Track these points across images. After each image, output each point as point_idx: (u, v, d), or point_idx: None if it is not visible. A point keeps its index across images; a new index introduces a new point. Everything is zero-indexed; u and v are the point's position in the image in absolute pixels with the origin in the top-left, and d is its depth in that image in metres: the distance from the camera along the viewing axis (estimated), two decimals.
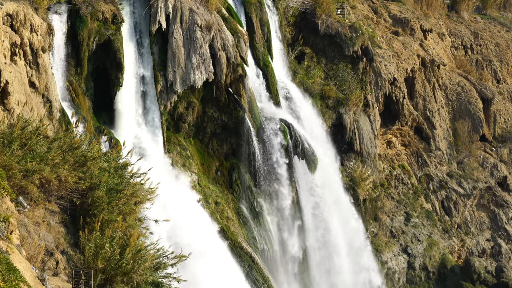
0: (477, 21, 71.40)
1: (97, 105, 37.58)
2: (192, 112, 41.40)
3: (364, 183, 50.23)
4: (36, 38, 31.40)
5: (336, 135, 50.03)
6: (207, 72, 40.21)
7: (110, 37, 36.95)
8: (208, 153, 42.66)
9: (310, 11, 51.54)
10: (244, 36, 43.01)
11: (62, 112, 33.10)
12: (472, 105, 60.92)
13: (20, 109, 27.62)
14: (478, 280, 54.51)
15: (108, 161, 23.55)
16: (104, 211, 21.42)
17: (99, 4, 36.69)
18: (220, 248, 38.20)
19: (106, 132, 34.85)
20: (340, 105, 49.89)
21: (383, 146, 55.91)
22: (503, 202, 59.44)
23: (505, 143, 62.43)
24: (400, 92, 55.60)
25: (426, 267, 53.83)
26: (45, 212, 21.43)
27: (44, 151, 21.32)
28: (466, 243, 57.13)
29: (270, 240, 43.12)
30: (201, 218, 38.50)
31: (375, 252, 51.09)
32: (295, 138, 43.93)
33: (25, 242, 18.92)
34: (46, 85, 32.15)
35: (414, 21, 61.38)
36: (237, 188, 42.65)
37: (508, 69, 68.31)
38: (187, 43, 40.01)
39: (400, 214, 54.79)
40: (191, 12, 40.29)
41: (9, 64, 28.70)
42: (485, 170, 59.87)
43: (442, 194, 57.58)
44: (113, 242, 19.66)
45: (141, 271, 19.80)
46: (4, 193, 17.64)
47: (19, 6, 30.58)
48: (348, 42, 51.15)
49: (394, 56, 56.34)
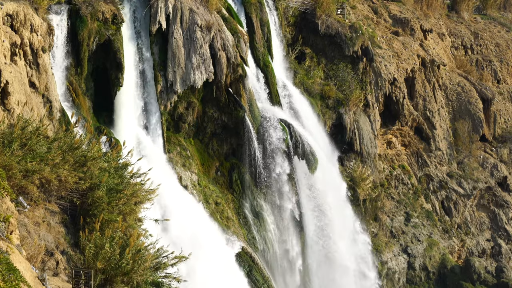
0: (477, 21, 71.40)
1: (97, 105, 37.57)
2: (192, 112, 41.40)
3: (364, 183, 50.24)
4: (36, 38, 31.39)
5: (336, 135, 50.03)
6: (207, 72, 40.21)
7: (110, 37, 36.94)
8: (208, 153, 42.66)
9: (310, 11, 51.54)
10: (244, 36, 43.01)
11: (62, 112, 33.08)
12: (472, 105, 60.92)
13: (20, 109, 27.61)
14: (478, 280, 54.52)
15: (108, 161, 23.52)
16: (104, 211, 21.40)
17: (99, 4, 36.68)
18: (220, 248, 38.22)
19: (106, 132, 34.84)
20: (340, 105, 49.89)
21: (383, 146, 55.91)
22: (503, 202, 59.44)
23: (505, 143, 62.43)
24: (400, 92, 55.60)
25: (426, 267, 53.82)
26: (45, 212, 21.42)
27: (44, 151, 21.29)
28: (466, 243, 57.13)
29: (270, 240, 43.12)
30: (201, 218, 38.51)
31: (375, 252, 51.11)
32: (295, 138, 43.93)
33: (25, 242, 18.91)
34: (46, 85, 32.14)
35: (414, 21, 61.38)
36: (237, 188, 42.64)
37: (508, 69, 68.31)
38: (187, 43, 40.00)
39: (400, 214, 54.78)
40: (191, 12, 40.29)
41: (9, 64, 28.70)
42: (485, 170, 59.87)
43: (442, 194, 57.57)
44: (113, 242, 19.64)
45: (141, 271, 19.79)
46: (4, 193, 17.64)
47: (19, 6, 30.57)
48: (348, 42, 51.15)
49: (394, 56, 56.34)
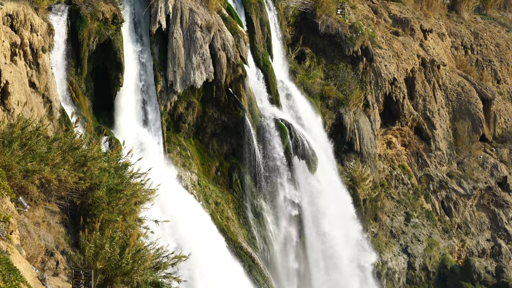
0: (477, 21, 71.39)
1: (97, 105, 37.58)
2: (192, 112, 41.39)
3: (364, 183, 50.23)
4: (36, 38, 31.40)
5: (336, 135, 50.02)
6: (207, 72, 40.20)
7: (110, 37, 36.95)
8: (208, 153, 42.66)
9: (310, 11, 51.53)
10: (244, 36, 43.00)
11: (62, 112, 33.09)
12: (472, 105, 60.92)
13: (20, 109, 27.62)
14: (478, 280, 54.51)
15: (108, 161, 23.52)
16: (104, 211, 21.39)
17: (99, 4, 36.69)
18: (219, 248, 38.22)
19: (106, 132, 34.83)
20: (340, 105, 49.88)
21: (383, 146, 55.90)
22: (503, 202, 59.43)
23: (505, 143, 62.42)
24: (400, 92, 55.59)
25: (426, 267, 53.82)
26: (45, 212, 21.42)
27: (44, 151, 21.29)
28: (466, 243, 57.12)
29: (270, 240, 43.12)
30: (201, 218, 38.51)
31: (375, 252, 51.07)
32: (295, 138, 43.93)
33: (25, 242, 18.90)
34: (46, 85, 32.15)
35: (414, 21, 61.37)
36: (237, 188, 42.64)
37: (508, 69, 68.30)
38: (187, 43, 40.00)
39: (400, 214, 54.78)
40: (191, 12, 40.28)
41: (9, 64, 28.71)
42: (485, 170, 59.86)
43: (442, 194, 57.57)
44: (113, 242, 19.63)
45: (141, 271, 19.78)
46: (4, 193, 17.64)
47: (19, 6, 30.57)
48: (348, 42, 51.14)
49: (394, 56, 56.33)
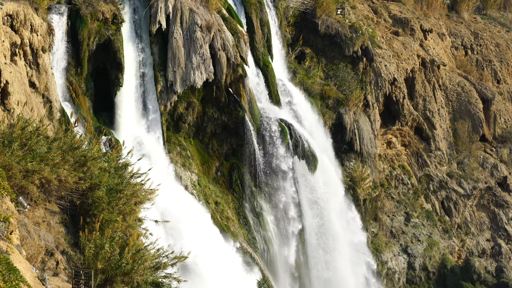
0: (477, 21, 71.39)
1: (97, 105, 37.58)
2: (192, 112, 41.39)
3: (364, 183, 50.23)
4: (36, 38, 31.40)
5: (336, 135, 50.02)
6: (207, 72, 40.20)
7: (110, 37, 36.96)
8: (208, 153, 42.66)
9: (310, 11, 51.53)
10: (244, 36, 43.00)
11: (62, 112, 33.09)
12: (472, 105, 60.92)
13: (20, 109, 27.61)
14: (478, 280, 54.52)
15: (108, 161, 23.50)
16: (104, 211, 21.37)
17: (99, 4, 36.69)
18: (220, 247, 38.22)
19: (106, 132, 34.84)
20: (340, 105, 49.88)
21: (383, 146, 55.90)
22: (503, 202, 59.43)
23: (505, 143, 62.42)
24: (400, 92, 55.59)
25: (426, 267, 53.81)
26: (45, 212, 21.41)
27: (44, 151, 21.27)
28: (466, 243, 57.12)
29: (270, 240, 43.12)
30: (201, 218, 38.51)
31: (375, 252, 51.09)
32: (295, 138, 43.93)
33: (25, 242, 18.89)
34: (46, 85, 32.15)
35: (414, 21, 61.38)
36: (237, 188, 42.64)
37: (508, 69, 68.30)
38: (187, 43, 40.00)
39: (400, 214, 54.78)
40: (191, 12, 40.28)
41: (9, 64, 28.71)
42: (485, 170, 59.86)
43: (442, 194, 57.57)
44: (113, 242, 19.62)
45: (141, 271, 19.77)
46: (4, 193, 17.63)
47: (19, 6, 30.57)
48: (348, 42, 51.14)
49: (394, 56, 56.34)
